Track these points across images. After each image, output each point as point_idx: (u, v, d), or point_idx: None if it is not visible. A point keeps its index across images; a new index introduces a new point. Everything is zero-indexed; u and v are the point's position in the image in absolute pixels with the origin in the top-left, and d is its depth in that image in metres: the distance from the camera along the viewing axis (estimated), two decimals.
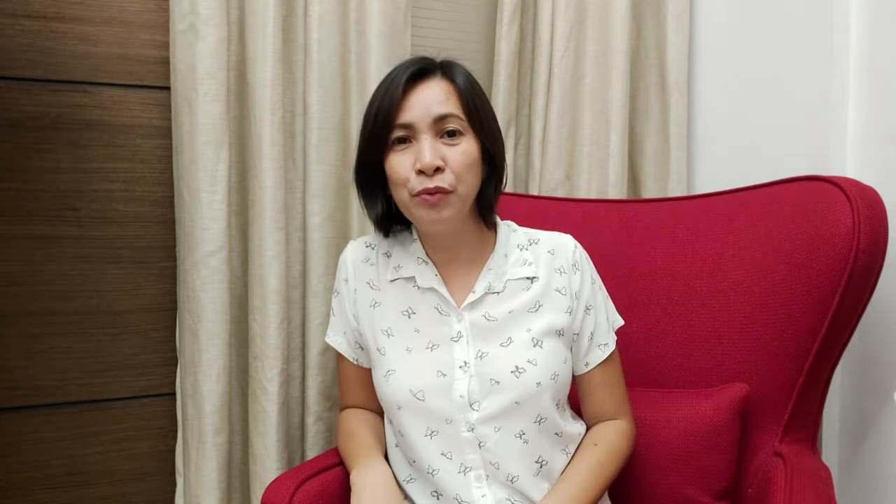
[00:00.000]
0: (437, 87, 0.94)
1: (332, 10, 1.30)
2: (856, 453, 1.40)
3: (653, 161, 1.59)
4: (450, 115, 0.92)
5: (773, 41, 1.54)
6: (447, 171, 0.91)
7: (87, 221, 1.29)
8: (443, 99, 0.93)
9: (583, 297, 1.02)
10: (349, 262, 1.07)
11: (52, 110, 1.25)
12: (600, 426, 1.04)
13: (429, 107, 0.92)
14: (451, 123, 0.93)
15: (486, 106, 0.98)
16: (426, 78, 0.94)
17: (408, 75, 0.92)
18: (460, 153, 0.93)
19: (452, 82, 0.95)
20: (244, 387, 1.33)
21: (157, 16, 1.29)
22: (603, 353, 1.03)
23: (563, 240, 1.04)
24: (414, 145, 0.93)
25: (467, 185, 0.94)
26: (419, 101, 0.92)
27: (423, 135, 0.92)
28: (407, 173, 0.92)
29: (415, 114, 0.92)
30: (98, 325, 1.31)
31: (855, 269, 1.03)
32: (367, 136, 0.95)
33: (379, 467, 0.98)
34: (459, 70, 0.97)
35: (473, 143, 0.95)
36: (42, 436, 1.29)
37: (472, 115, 0.94)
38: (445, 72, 0.96)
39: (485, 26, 1.54)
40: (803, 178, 1.16)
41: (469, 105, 0.94)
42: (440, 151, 0.92)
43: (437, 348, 0.98)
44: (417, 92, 0.93)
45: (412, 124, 0.92)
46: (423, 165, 0.90)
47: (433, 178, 0.90)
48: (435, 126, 0.92)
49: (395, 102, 0.91)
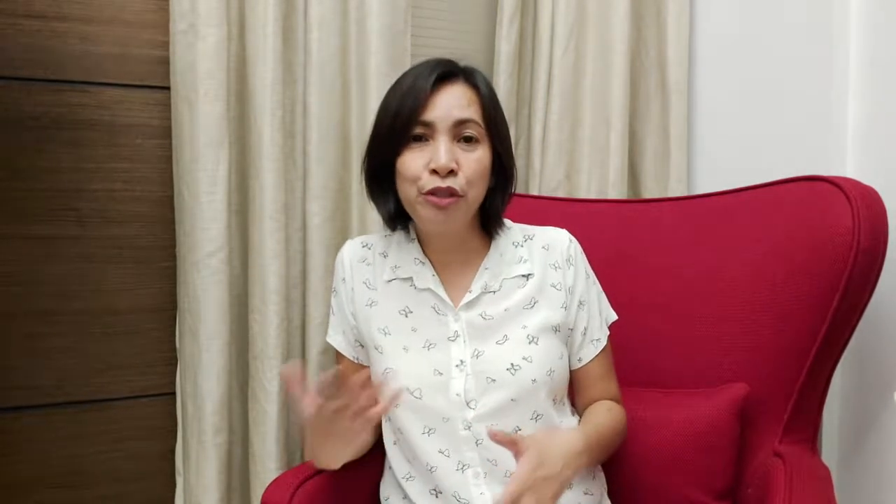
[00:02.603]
0: (461, 91, 0.95)
1: (332, 10, 1.30)
2: (856, 453, 1.40)
3: (653, 161, 1.59)
4: (470, 120, 0.94)
5: (773, 41, 1.54)
6: (460, 174, 0.92)
7: (87, 221, 1.29)
8: (465, 104, 0.94)
9: (576, 291, 1.02)
10: (346, 261, 1.08)
11: (52, 110, 1.25)
12: (605, 401, 1.05)
13: (451, 109, 0.93)
14: (470, 129, 0.94)
15: (503, 116, 0.99)
16: (450, 81, 0.95)
17: (435, 76, 0.93)
18: (475, 160, 0.94)
19: (476, 89, 0.96)
20: (244, 387, 1.33)
21: (157, 16, 1.29)
22: (595, 348, 1.04)
23: (557, 235, 1.05)
24: (430, 145, 0.93)
25: (476, 191, 0.95)
26: (442, 102, 0.93)
27: (441, 136, 0.92)
28: (419, 171, 0.92)
29: (436, 113, 0.93)
30: (98, 325, 1.31)
31: (855, 270, 1.03)
32: (385, 131, 0.95)
33: None
34: (481, 78, 0.98)
35: (488, 152, 0.96)
36: (42, 436, 1.29)
37: (491, 124, 0.96)
38: (468, 77, 0.97)
39: (485, 26, 1.54)
40: (803, 178, 1.16)
41: (489, 114, 0.95)
42: (455, 154, 0.93)
43: (434, 347, 0.99)
44: (441, 93, 0.93)
45: (432, 123, 0.93)
46: (439, 166, 0.91)
47: (445, 179, 0.91)
48: (454, 129, 0.93)
49: (420, 100, 0.92)
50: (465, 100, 0.94)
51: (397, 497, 1.03)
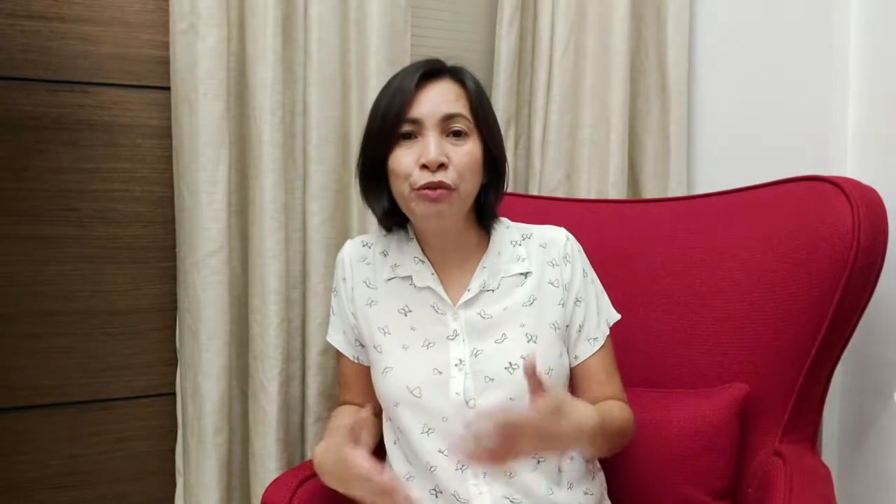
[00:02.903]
0: (448, 87, 0.96)
1: (332, 10, 1.30)
2: (856, 453, 1.40)
3: (653, 161, 1.59)
4: (458, 114, 0.95)
5: (774, 41, 1.54)
6: (450, 168, 0.93)
7: (87, 221, 1.29)
8: (452, 99, 0.95)
9: (573, 288, 1.02)
10: (346, 260, 1.08)
11: (52, 110, 1.25)
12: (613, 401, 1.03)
13: (438, 105, 0.94)
14: (458, 123, 0.95)
15: (492, 112, 1.01)
16: (437, 78, 0.97)
17: (420, 73, 0.95)
18: (465, 153, 0.94)
19: (462, 84, 0.97)
20: (244, 387, 1.33)
21: (157, 16, 1.29)
22: (592, 346, 1.03)
23: (555, 233, 1.06)
24: (419, 141, 0.94)
25: (469, 184, 0.95)
26: (428, 98, 0.94)
27: (430, 131, 0.93)
28: (410, 168, 0.93)
29: (423, 110, 0.94)
30: (98, 325, 1.31)
31: (855, 269, 1.03)
32: (375, 131, 0.96)
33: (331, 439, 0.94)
34: (469, 75, 0.99)
35: (478, 146, 0.97)
36: (42, 436, 1.29)
37: (479, 118, 0.97)
38: (455, 74, 0.98)
39: (485, 26, 1.54)
40: (803, 178, 1.16)
41: (477, 108, 0.97)
42: (445, 149, 0.93)
43: (434, 346, 0.99)
44: (427, 90, 0.95)
45: (420, 119, 0.94)
46: (428, 160, 0.91)
47: (436, 174, 0.92)
48: (442, 124, 0.94)
49: (406, 98, 0.93)
50: (452, 95, 0.95)
51: None
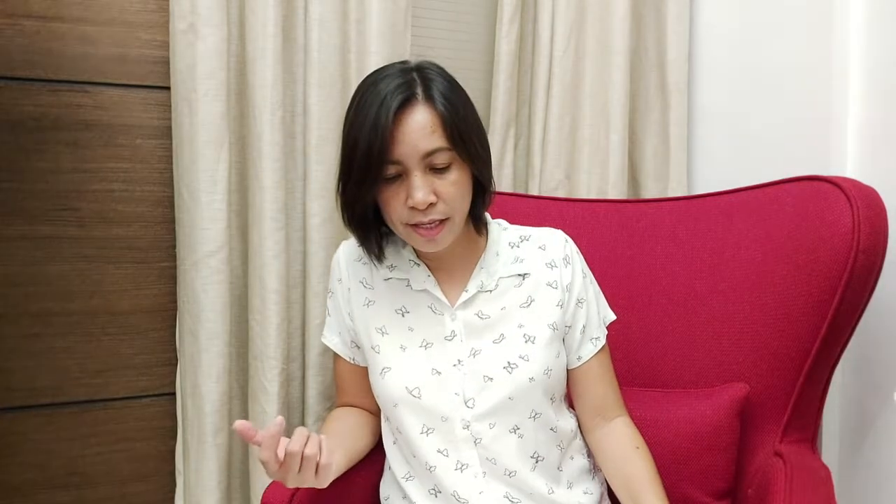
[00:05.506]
0: (423, 117, 0.89)
1: (332, 10, 1.30)
2: (856, 453, 1.40)
3: (653, 161, 1.59)
4: (436, 149, 0.89)
5: (774, 41, 1.54)
6: (440, 203, 0.91)
7: (87, 221, 1.29)
8: (429, 132, 0.89)
9: (574, 290, 1.02)
10: (342, 261, 1.08)
11: (52, 110, 1.25)
12: (619, 428, 1.03)
13: (416, 143, 0.89)
14: (438, 159, 0.90)
15: (470, 121, 0.94)
16: (410, 106, 0.89)
17: (396, 106, 0.88)
18: (451, 184, 0.91)
19: (434, 109, 0.90)
20: (244, 387, 1.33)
21: (157, 16, 1.29)
22: (595, 346, 1.03)
23: (553, 235, 1.05)
24: (404, 181, 0.91)
25: (461, 208, 0.94)
26: (405, 136, 0.88)
27: (414, 171, 0.90)
28: (400, 209, 0.91)
29: (403, 150, 0.89)
30: (98, 325, 1.31)
31: (855, 270, 1.03)
32: (357, 174, 0.90)
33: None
34: (437, 86, 0.91)
35: (463, 169, 0.93)
36: (42, 436, 1.29)
37: (457, 143, 0.91)
38: (426, 91, 0.90)
39: (485, 26, 1.54)
40: (803, 178, 1.16)
41: (454, 135, 0.90)
42: (431, 185, 0.90)
43: (431, 347, 0.99)
44: (403, 124, 0.88)
45: (401, 161, 0.89)
46: (416, 203, 0.89)
47: (427, 213, 0.90)
48: (423, 161, 0.90)
49: (385, 136, 0.87)
50: (427, 128, 0.89)
51: (397, 497, 1.03)
